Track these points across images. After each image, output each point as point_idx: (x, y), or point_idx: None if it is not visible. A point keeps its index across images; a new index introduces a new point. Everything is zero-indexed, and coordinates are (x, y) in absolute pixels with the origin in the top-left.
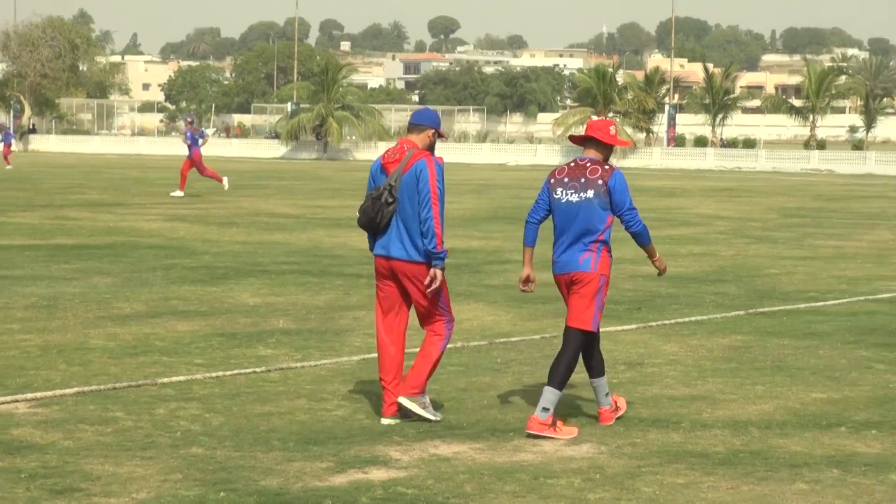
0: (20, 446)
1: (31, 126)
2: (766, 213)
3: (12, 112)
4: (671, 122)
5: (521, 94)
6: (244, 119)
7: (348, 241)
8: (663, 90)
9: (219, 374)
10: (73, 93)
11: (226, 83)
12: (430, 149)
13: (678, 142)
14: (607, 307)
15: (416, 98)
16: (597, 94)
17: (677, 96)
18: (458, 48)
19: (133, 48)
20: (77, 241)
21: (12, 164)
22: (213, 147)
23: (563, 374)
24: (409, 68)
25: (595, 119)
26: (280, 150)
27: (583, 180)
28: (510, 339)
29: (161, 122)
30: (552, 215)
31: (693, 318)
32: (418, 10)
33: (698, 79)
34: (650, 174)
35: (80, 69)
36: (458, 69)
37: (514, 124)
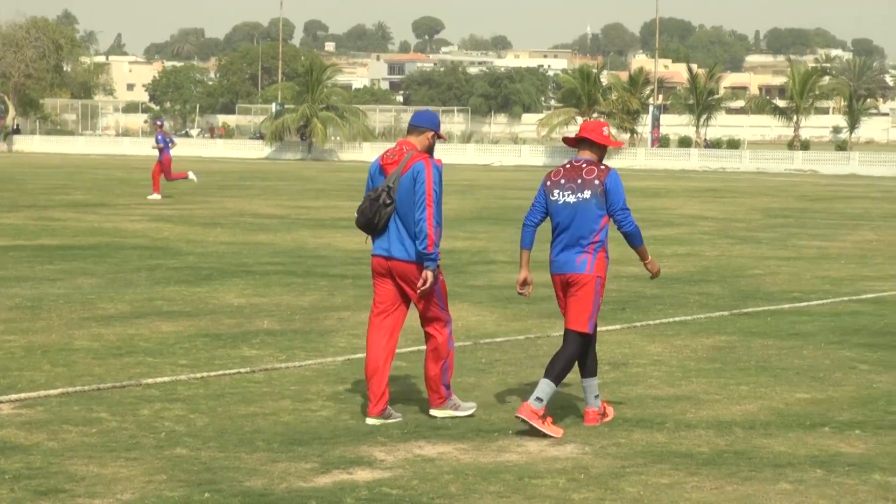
0: (4, 447)
1: (15, 126)
2: (750, 213)
3: None
4: (655, 123)
5: (506, 94)
6: (229, 119)
7: (333, 242)
8: (647, 91)
9: (203, 374)
10: (57, 93)
11: (210, 84)
12: (430, 151)
13: (662, 142)
14: None
15: (400, 99)
16: (581, 94)
17: (661, 97)
18: (443, 49)
19: (117, 49)
20: (61, 241)
21: None
22: (198, 147)
23: (560, 370)
24: (393, 69)
25: (587, 120)
26: (264, 150)
27: (579, 181)
28: (495, 340)
29: (145, 122)
30: (550, 217)
31: (677, 319)
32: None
33: (682, 79)
34: (634, 175)
35: (65, 70)
36: (442, 70)
37: (498, 125)
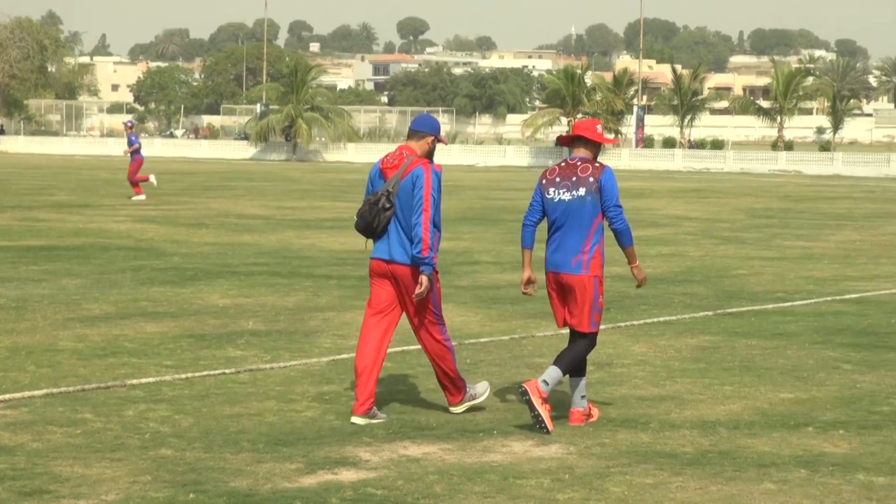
0: None
1: None
2: (734, 213)
3: None
4: (640, 124)
5: (490, 95)
6: (213, 120)
7: (317, 243)
8: (632, 91)
9: (188, 375)
10: (41, 94)
11: (195, 84)
12: (429, 155)
13: (647, 143)
14: None
15: (385, 99)
16: (565, 95)
17: (646, 97)
18: (428, 49)
19: (102, 49)
20: (46, 242)
21: None
22: (183, 148)
23: (568, 361)
24: (378, 69)
25: (581, 119)
26: (249, 151)
27: (574, 179)
28: (479, 340)
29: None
30: (546, 215)
31: (662, 319)
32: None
33: (667, 80)
34: (618, 175)
35: (49, 70)
36: (427, 70)
37: (483, 125)
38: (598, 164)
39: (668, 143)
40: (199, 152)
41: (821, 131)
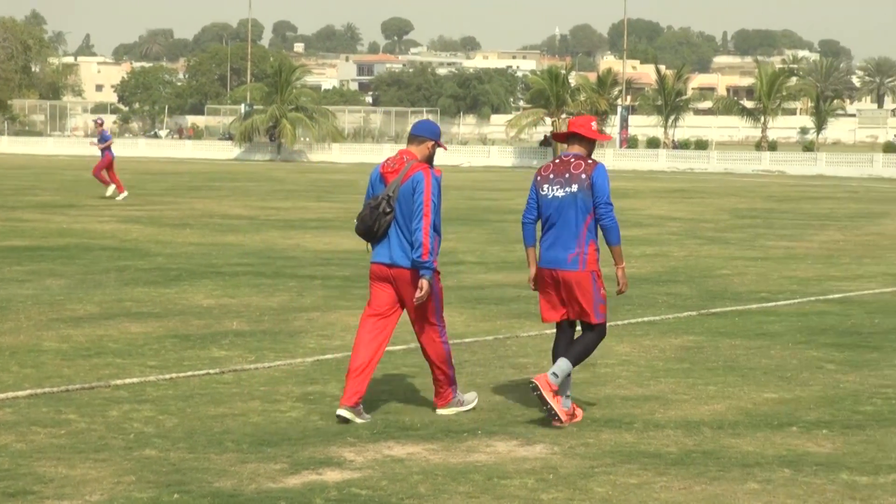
0: None
1: None
2: (717, 213)
3: None
4: (623, 124)
5: (475, 95)
6: (198, 120)
7: (302, 243)
8: (616, 92)
9: (172, 375)
10: (25, 94)
11: (179, 84)
12: (429, 160)
13: (630, 143)
14: None
15: (369, 99)
16: (550, 95)
17: (629, 98)
18: (412, 50)
19: (86, 49)
20: (29, 242)
21: None
22: (167, 148)
23: (577, 354)
24: (362, 70)
25: (576, 115)
26: (234, 151)
27: (567, 175)
28: (464, 340)
29: (115, 123)
30: (539, 211)
31: (646, 319)
32: (371, 12)
33: (650, 80)
34: None
35: (33, 70)
36: (411, 71)
37: (467, 126)
38: (591, 161)
39: (652, 144)
40: (183, 152)
41: (804, 131)
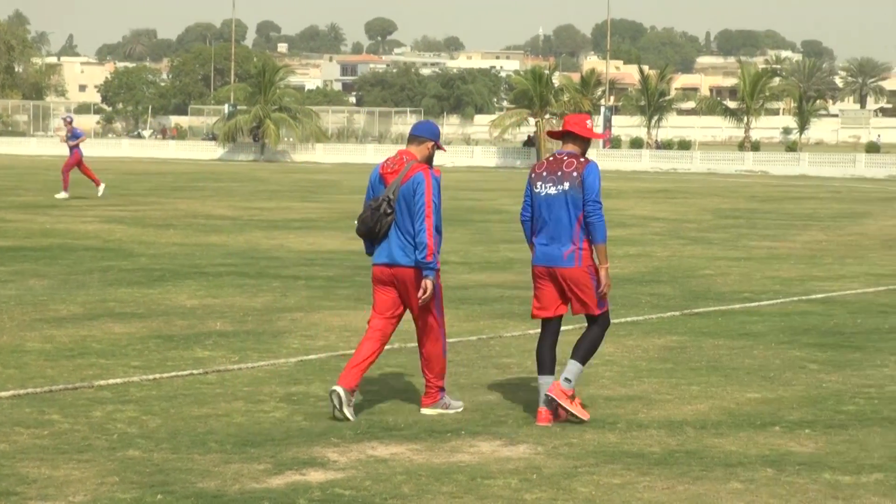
0: None
1: None
2: (700, 214)
3: None
4: (607, 124)
5: (458, 95)
6: (181, 121)
7: (285, 243)
8: (599, 92)
9: (156, 376)
10: (8, 94)
11: (162, 85)
12: (429, 161)
13: (614, 143)
14: None
15: (353, 100)
16: (533, 95)
17: (613, 98)
18: (395, 50)
19: (69, 49)
20: (13, 243)
21: None
22: (150, 149)
23: (585, 350)
24: (346, 70)
25: (572, 114)
26: (217, 151)
27: (559, 173)
28: (447, 341)
29: (98, 123)
30: (533, 208)
31: (629, 319)
32: (355, 12)
33: (634, 81)
34: None
35: (16, 70)
36: (395, 71)
37: (450, 126)
38: (583, 160)
39: (636, 144)
40: (166, 153)
41: (787, 132)
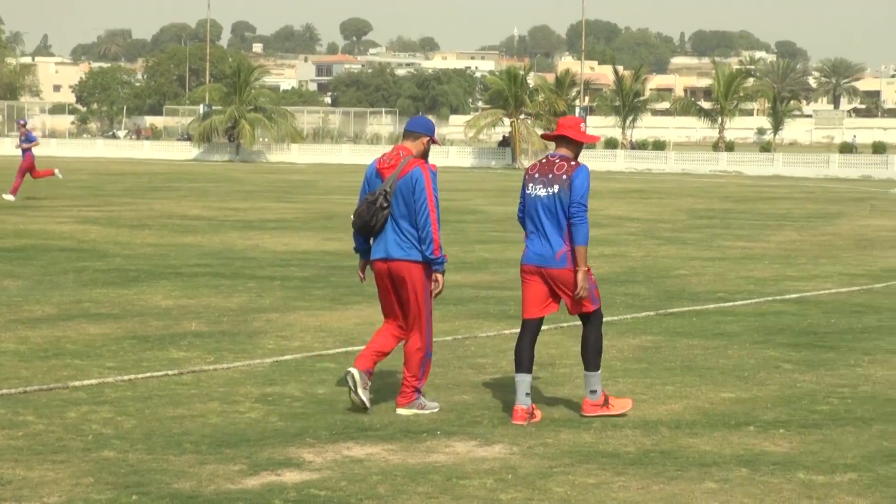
0: None
1: None
2: (675, 214)
3: None
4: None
5: (433, 96)
6: (156, 121)
7: (261, 244)
8: (574, 92)
9: (131, 377)
10: None
11: (137, 85)
12: (424, 156)
13: (588, 144)
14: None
15: (328, 100)
16: (508, 96)
17: (588, 98)
18: (371, 50)
19: (43, 49)
20: None
21: None
22: (125, 149)
23: (593, 355)
24: (321, 70)
25: (566, 116)
26: (192, 152)
27: (550, 176)
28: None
29: (72, 123)
30: (525, 209)
31: (604, 319)
32: (330, 12)
33: (608, 81)
34: None
35: None
36: (370, 71)
37: None
38: (573, 163)
39: (610, 144)
40: (141, 153)
41: (761, 132)
